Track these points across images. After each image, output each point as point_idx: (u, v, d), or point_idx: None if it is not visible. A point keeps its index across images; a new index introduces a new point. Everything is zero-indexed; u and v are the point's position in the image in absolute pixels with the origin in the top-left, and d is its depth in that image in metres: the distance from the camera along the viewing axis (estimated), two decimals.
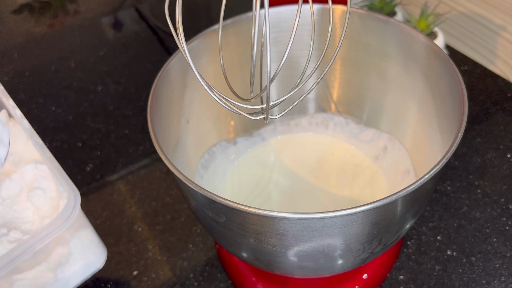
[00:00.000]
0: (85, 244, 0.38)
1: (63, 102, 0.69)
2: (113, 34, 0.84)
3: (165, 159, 0.32)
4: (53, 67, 0.76)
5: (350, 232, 0.30)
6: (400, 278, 0.45)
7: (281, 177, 0.49)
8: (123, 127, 0.64)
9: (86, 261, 0.39)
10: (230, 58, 0.45)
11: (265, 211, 0.28)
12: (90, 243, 0.39)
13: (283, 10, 0.45)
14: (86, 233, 0.38)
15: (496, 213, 0.49)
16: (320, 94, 0.51)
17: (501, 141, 0.56)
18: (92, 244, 0.39)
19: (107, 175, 0.58)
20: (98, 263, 0.40)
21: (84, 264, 0.39)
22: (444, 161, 0.30)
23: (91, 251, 0.39)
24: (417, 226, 0.49)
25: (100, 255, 0.40)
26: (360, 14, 0.44)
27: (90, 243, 0.39)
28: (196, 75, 0.29)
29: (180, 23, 0.28)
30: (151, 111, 0.36)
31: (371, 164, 0.49)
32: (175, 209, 0.53)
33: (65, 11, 0.90)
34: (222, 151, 0.50)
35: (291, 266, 0.35)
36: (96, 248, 0.39)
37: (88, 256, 0.39)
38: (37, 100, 0.70)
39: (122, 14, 0.88)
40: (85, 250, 0.38)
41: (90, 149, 0.61)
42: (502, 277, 0.44)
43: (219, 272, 0.47)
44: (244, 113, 0.32)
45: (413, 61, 0.42)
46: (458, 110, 0.35)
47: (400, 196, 0.28)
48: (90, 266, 0.39)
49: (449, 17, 0.67)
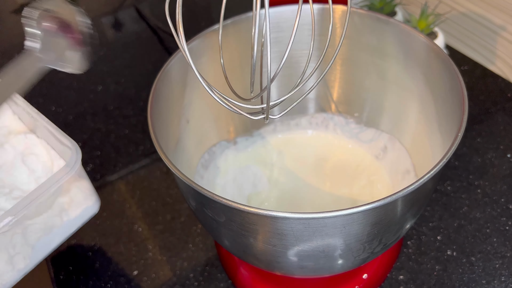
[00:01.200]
0: (83, 192, 0.43)
1: (63, 102, 0.69)
2: (113, 34, 0.84)
3: (165, 158, 0.32)
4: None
5: (350, 232, 0.30)
6: (400, 278, 0.45)
7: (281, 177, 0.49)
8: (123, 127, 0.64)
9: (85, 206, 0.44)
10: (230, 58, 0.45)
11: (265, 211, 0.28)
12: (87, 191, 0.44)
13: (283, 10, 0.45)
14: (83, 183, 0.43)
15: (496, 213, 0.49)
16: (320, 94, 0.51)
17: (501, 141, 0.56)
18: (89, 192, 0.44)
19: (107, 175, 0.58)
20: (94, 209, 0.45)
21: (83, 209, 0.44)
22: (444, 161, 0.30)
23: (89, 198, 0.44)
24: (417, 226, 0.49)
25: (95, 202, 0.45)
26: (360, 14, 0.44)
27: (87, 191, 0.44)
28: (196, 75, 0.29)
29: (180, 23, 0.28)
30: (151, 111, 0.36)
31: (371, 163, 0.49)
32: (175, 209, 0.53)
33: None
34: (222, 151, 0.50)
35: (291, 266, 0.35)
36: (92, 195, 0.44)
37: (87, 201, 0.44)
38: (37, 100, 0.70)
39: (122, 14, 0.88)
40: (84, 197, 0.44)
41: (90, 149, 0.61)
42: (502, 277, 0.44)
43: (219, 272, 0.47)
44: (244, 113, 0.32)
45: (413, 61, 0.42)
46: (458, 110, 0.35)
47: (400, 196, 0.28)
48: (88, 211, 0.44)
49: (449, 17, 0.67)
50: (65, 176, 0.38)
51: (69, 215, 0.43)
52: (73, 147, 0.40)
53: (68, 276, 0.48)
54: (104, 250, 0.50)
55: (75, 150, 0.40)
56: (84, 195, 0.44)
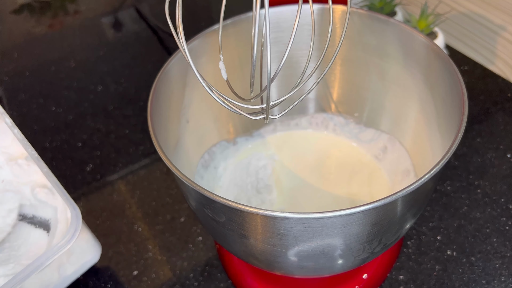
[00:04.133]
0: (83, 245, 0.42)
1: (63, 102, 0.69)
2: (113, 34, 0.84)
3: (165, 158, 0.32)
4: (53, 67, 0.76)
5: (350, 232, 0.30)
6: (400, 278, 0.45)
7: (281, 177, 0.49)
8: (123, 127, 0.64)
9: (85, 260, 0.43)
10: (230, 58, 0.45)
11: (265, 211, 0.28)
12: (87, 244, 0.42)
13: (283, 10, 0.45)
14: (83, 236, 0.42)
15: (496, 213, 0.49)
16: (320, 94, 0.51)
17: (501, 141, 0.56)
18: (89, 244, 0.43)
19: (107, 175, 0.58)
20: (94, 259, 0.44)
21: (83, 262, 0.43)
22: (444, 161, 0.30)
23: (89, 250, 0.43)
24: (417, 226, 0.49)
25: (96, 252, 0.44)
26: (360, 14, 0.44)
27: (87, 243, 0.42)
28: (196, 75, 0.29)
29: (180, 23, 0.28)
30: (151, 111, 0.36)
31: (371, 163, 0.49)
32: (175, 209, 0.53)
33: (65, 11, 0.90)
34: (222, 151, 0.50)
35: (291, 266, 0.35)
36: (93, 247, 0.43)
37: (86, 255, 0.42)
38: (37, 100, 0.70)
39: (122, 14, 0.88)
40: (83, 250, 0.42)
41: (90, 149, 0.61)
42: (502, 277, 0.44)
43: (219, 272, 0.47)
44: (244, 113, 0.32)
45: (413, 61, 0.42)
46: (458, 110, 0.34)
47: (400, 196, 0.28)
48: (87, 263, 0.43)
49: (449, 17, 0.67)
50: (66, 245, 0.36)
51: (67, 270, 0.41)
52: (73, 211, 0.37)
53: None
54: (104, 250, 0.50)
55: (76, 215, 0.37)
56: (84, 248, 0.42)
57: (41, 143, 0.63)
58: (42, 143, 0.63)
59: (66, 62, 0.77)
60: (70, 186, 0.57)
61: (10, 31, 0.86)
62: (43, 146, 0.63)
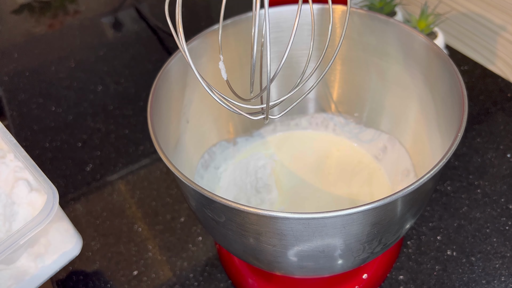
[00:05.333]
0: (63, 234, 0.40)
1: (63, 102, 0.69)
2: (113, 34, 0.84)
3: (165, 158, 0.32)
4: (53, 67, 0.76)
5: (350, 232, 0.30)
6: (400, 278, 0.45)
7: (281, 177, 0.49)
8: (123, 127, 0.64)
9: (64, 250, 0.41)
10: (230, 58, 0.45)
11: (265, 211, 0.28)
12: (66, 234, 0.41)
13: (283, 10, 0.45)
14: (63, 225, 0.40)
15: (496, 213, 0.49)
16: (320, 94, 0.51)
17: (501, 141, 0.56)
18: (69, 234, 0.41)
19: (107, 175, 0.58)
20: (74, 251, 0.42)
21: (62, 253, 0.41)
22: (444, 161, 0.30)
23: (68, 240, 0.41)
24: (417, 226, 0.49)
25: (77, 244, 0.42)
26: (360, 14, 0.44)
27: (66, 233, 0.41)
28: (196, 75, 0.29)
29: (180, 23, 0.28)
30: (151, 111, 0.36)
31: (371, 164, 0.49)
32: (175, 209, 0.53)
33: (65, 11, 0.90)
34: (222, 151, 0.50)
35: (291, 266, 0.35)
36: (73, 237, 0.42)
37: (66, 245, 0.41)
38: (37, 100, 0.70)
39: (122, 14, 0.88)
40: (63, 240, 0.41)
41: (90, 149, 0.61)
42: (502, 277, 0.44)
43: (219, 272, 0.47)
44: (244, 113, 0.32)
45: (413, 61, 0.42)
46: (458, 110, 0.34)
47: (400, 196, 0.28)
48: (67, 254, 0.41)
49: (449, 17, 0.67)
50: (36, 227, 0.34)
51: (45, 260, 0.39)
52: (49, 190, 0.36)
53: (68, 276, 0.48)
54: (104, 250, 0.50)
55: (52, 194, 0.36)
56: (63, 238, 0.40)
57: (41, 143, 0.63)
58: (42, 143, 0.63)
59: (66, 62, 0.77)
60: (70, 186, 0.57)
61: (10, 31, 0.86)
62: (43, 146, 0.63)
